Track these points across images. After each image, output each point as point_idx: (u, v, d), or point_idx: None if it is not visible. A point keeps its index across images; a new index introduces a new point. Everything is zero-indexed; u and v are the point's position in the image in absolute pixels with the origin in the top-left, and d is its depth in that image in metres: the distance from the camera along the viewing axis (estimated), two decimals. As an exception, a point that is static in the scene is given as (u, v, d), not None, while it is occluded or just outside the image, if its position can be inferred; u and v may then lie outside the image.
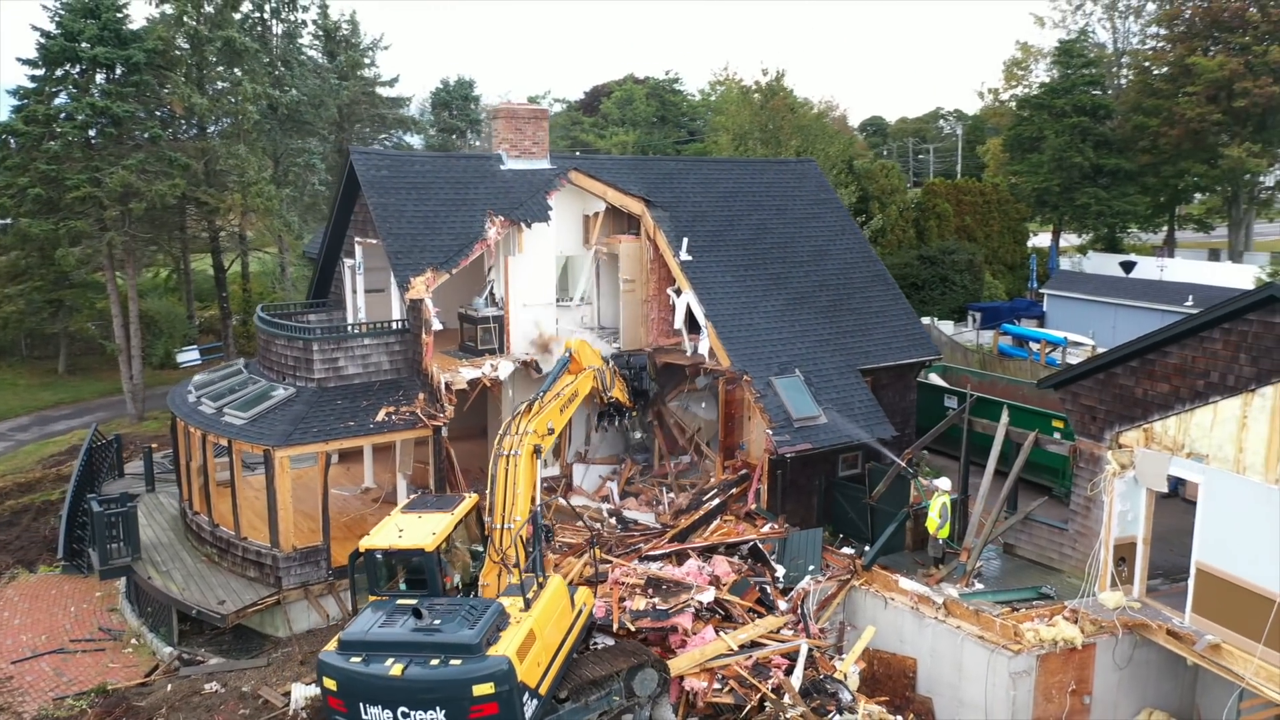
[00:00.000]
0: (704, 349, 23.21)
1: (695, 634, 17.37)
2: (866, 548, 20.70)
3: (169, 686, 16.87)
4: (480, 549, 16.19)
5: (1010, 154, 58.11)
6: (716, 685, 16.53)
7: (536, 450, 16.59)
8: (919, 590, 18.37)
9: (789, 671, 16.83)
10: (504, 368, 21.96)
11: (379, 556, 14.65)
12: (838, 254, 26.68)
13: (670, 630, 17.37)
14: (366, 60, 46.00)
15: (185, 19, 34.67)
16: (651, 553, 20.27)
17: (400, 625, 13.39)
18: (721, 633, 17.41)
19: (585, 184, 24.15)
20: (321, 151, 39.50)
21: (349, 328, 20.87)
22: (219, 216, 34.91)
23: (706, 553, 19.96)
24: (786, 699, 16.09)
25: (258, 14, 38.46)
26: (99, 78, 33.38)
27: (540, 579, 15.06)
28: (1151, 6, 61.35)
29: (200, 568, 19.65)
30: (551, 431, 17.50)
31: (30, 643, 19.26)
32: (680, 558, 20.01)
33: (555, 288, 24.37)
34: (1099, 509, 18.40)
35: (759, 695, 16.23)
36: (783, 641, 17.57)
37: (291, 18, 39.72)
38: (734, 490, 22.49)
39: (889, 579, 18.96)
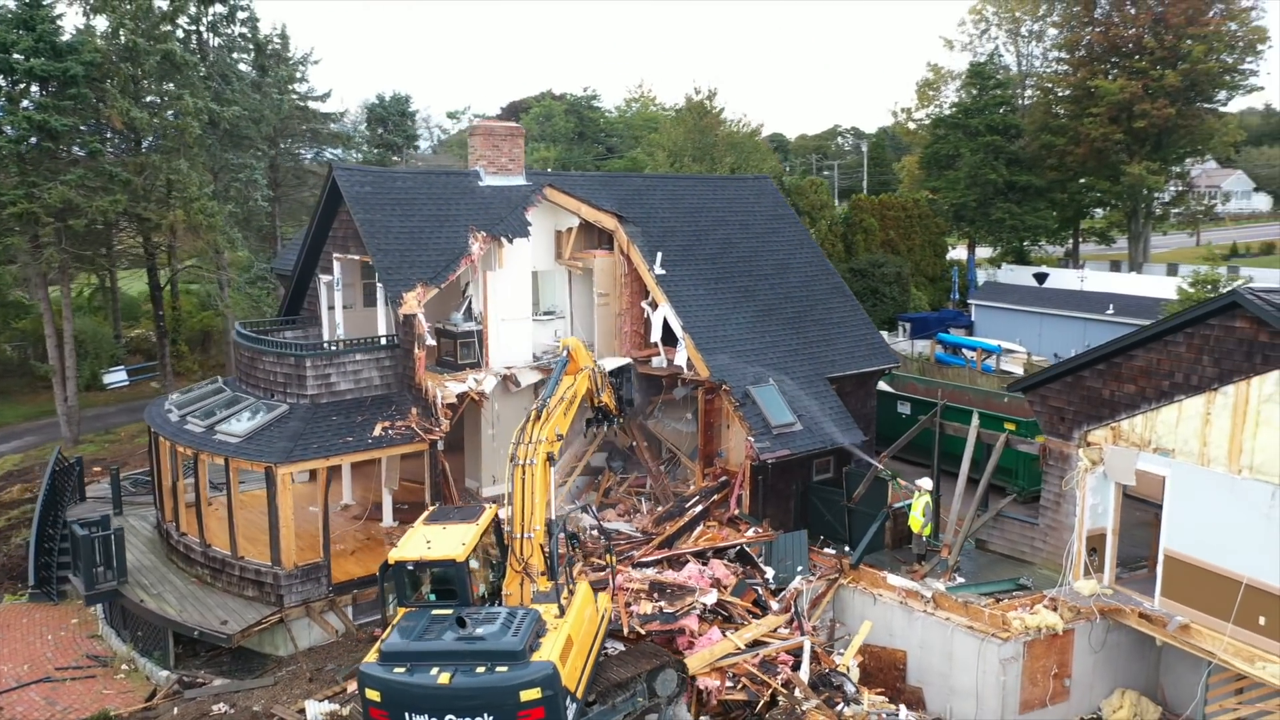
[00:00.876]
0: (681, 360, 23.86)
1: (701, 635, 17.95)
2: (846, 548, 21.63)
3: (175, 710, 16.61)
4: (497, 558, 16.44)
5: (927, 171, 60.58)
6: (729, 683, 17.12)
7: (550, 457, 16.93)
8: (907, 586, 19.31)
9: (795, 667, 17.53)
10: (488, 382, 22.20)
11: (409, 568, 14.79)
12: (798, 267, 27.69)
13: (678, 632, 17.90)
14: (299, 75, 45.43)
15: (122, 32, 33.80)
16: (644, 559, 20.79)
17: (442, 635, 13.60)
18: (725, 633, 18.04)
19: (560, 200, 24.58)
20: (260, 167, 38.85)
21: (341, 343, 20.82)
22: (159, 233, 34.04)
23: (700, 557, 20.55)
24: (798, 693, 16.78)
25: (194, 28, 37.70)
26: (34, 90, 32.33)
27: (570, 586, 15.42)
28: (1053, 32, 64.86)
29: (192, 589, 19.33)
30: (560, 437, 17.85)
31: (13, 673, 18.63)
32: (672, 563, 20.56)
33: (531, 302, 24.73)
34: (1069, 504, 19.66)
35: (770, 690, 16.88)
36: (784, 639, 18.27)
37: (229, 30, 39.01)
38: (715, 497, 23.17)
39: (876, 576, 19.86)
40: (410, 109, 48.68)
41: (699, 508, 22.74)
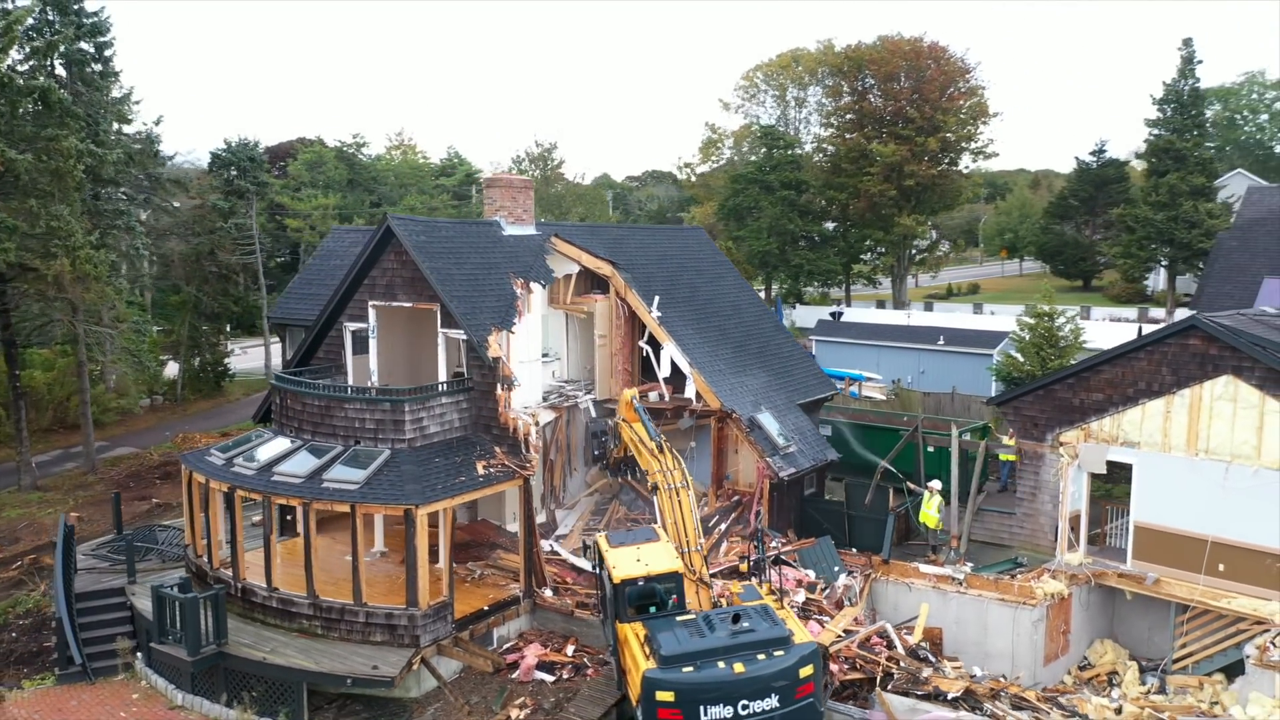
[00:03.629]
0: (690, 393, 26.22)
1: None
2: (853, 549, 24.92)
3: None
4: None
5: (727, 221, 66.39)
6: (845, 665, 19.70)
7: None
8: (938, 572, 22.87)
9: (889, 646, 20.45)
10: (544, 416, 23.44)
11: (639, 584, 16.20)
12: (746, 308, 30.94)
13: (788, 628, 20.25)
14: (131, 116, 42.64)
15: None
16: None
17: (710, 633, 15.23)
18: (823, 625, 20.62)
19: (564, 249, 26.23)
20: (133, 212, 36.01)
21: (437, 386, 21.27)
22: (42, 283, 31.18)
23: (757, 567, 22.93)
24: (903, 664, 19.70)
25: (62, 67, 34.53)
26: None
27: (763, 581, 17.47)
28: (814, 101, 73.63)
29: (302, 642, 18.99)
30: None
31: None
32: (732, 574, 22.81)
33: (540, 345, 26.07)
34: (1044, 493, 24.20)
35: (879, 666, 19.66)
36: (865, 626, 21.14)
37: (94, 68, 36.04)
38: (733, 515, 25.66)
39: (907, 567, 23.27)
40: (260, 154, 46.70)
41: (723, 525, 25.14)
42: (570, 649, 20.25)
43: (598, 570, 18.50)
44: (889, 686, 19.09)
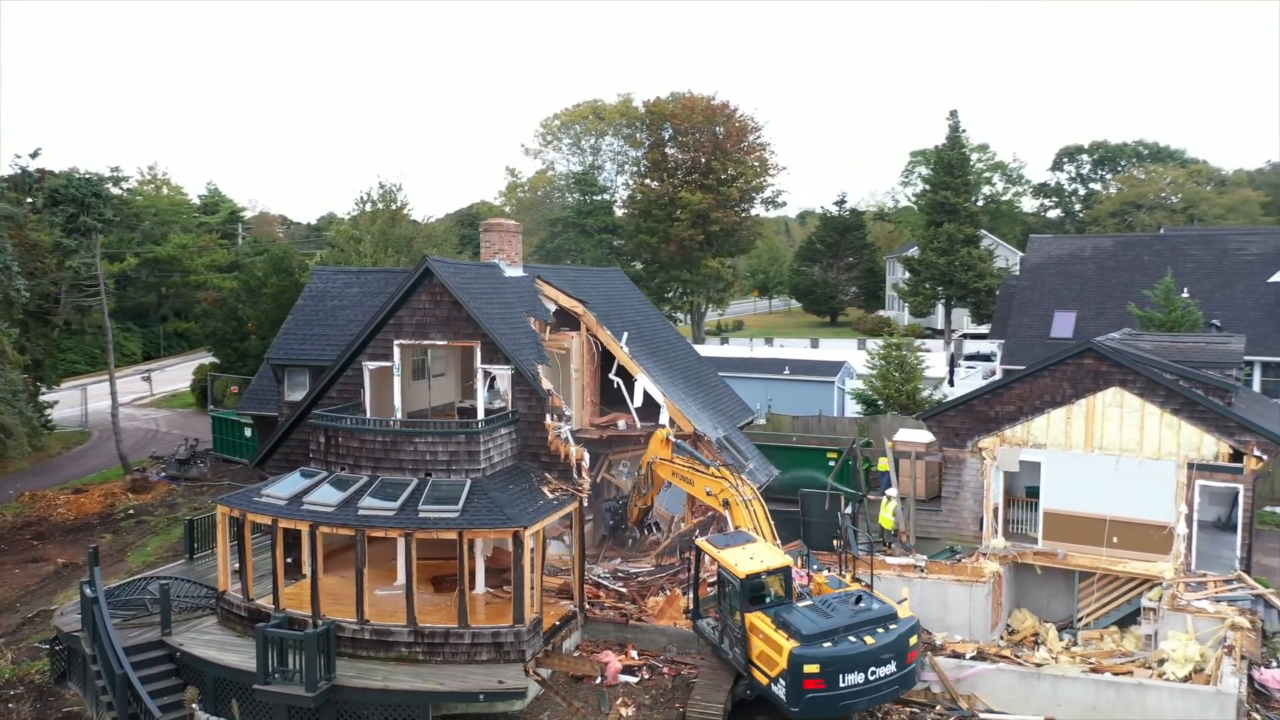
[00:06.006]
0: (664, 419, 28.75)
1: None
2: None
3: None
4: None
5: (544, 263, 68.84)
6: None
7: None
8: (903, 562, 26.89)
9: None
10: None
11: (761, 577, 18.70)
12: (676, 342, 33.95)
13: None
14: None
15: None
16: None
17: (834, 614, 18.02)
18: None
19: (545, 290, 28.06)
20: (10, 249, 32.62)
21: (504, 417, 22.42)
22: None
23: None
24: (914, 639, 23.33)
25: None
26: None
27: (848, 573, 20.48)
28: (609, 150, 78.16)
29: (405, 669, 19.63)
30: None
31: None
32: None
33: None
34: (965, 492, 29.01)
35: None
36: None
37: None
38: (710, 529, 28.40)
39: (878, 560, 27.05)
40: (105, 190, 43.12)
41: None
42: (633, 653, 22.18)
43: (692, 573, 20.73)
44: (911, 655, 22.69)
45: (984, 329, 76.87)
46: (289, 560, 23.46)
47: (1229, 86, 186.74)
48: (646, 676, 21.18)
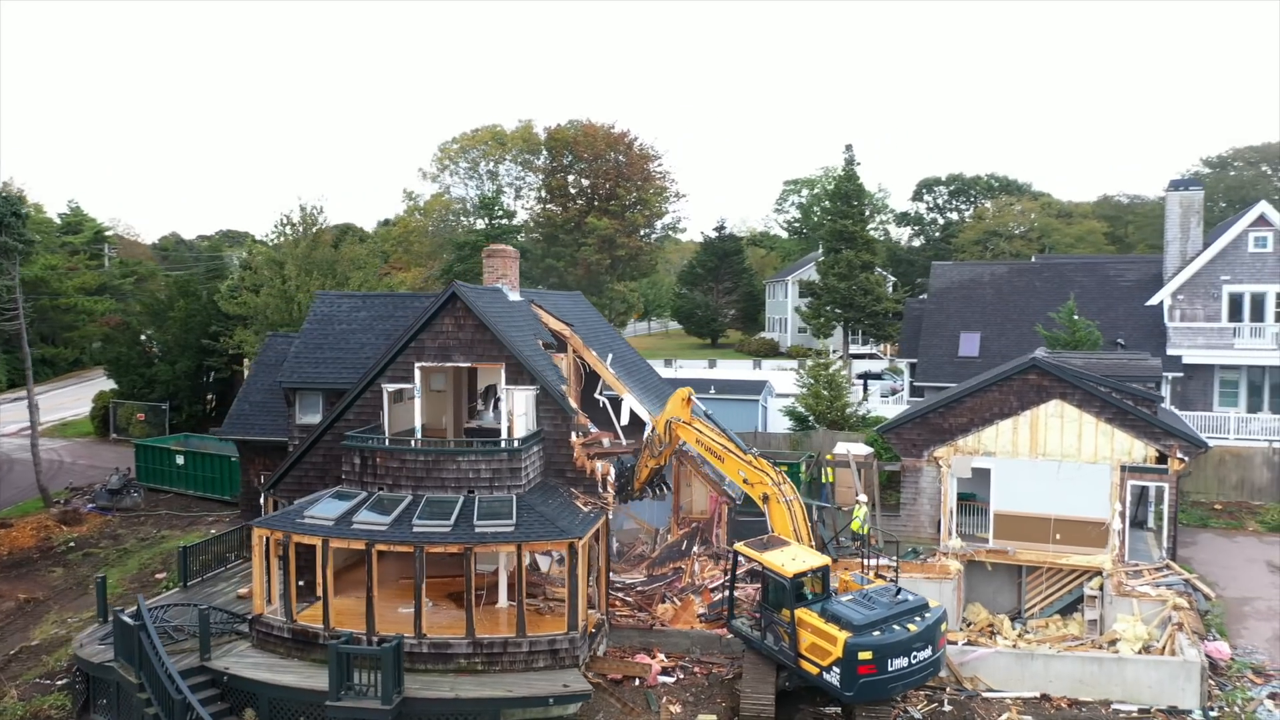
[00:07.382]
0: (649, 434, 30.19)
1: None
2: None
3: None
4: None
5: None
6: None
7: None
8: (880, 562, 29.11)
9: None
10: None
11: (806, 576, 20.42)
12: (638, 361, 35.41)
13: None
14: None
15: None
16: (711, 584, 27.12)
17: (879, 605, 19.92)
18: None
19: (538, 313, 29.13)
20: None
21: (536, 435, 23.28)
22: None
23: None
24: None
25: None
26: None
27: (874, 570, 22.45)
28: (507, 176, 79.09)
29: (466, 679, 20.33)
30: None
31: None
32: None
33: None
34: (922, 498, 31.63)
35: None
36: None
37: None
38: (695, 539, 30.00)
39: (854, 563, 29.23)
40: (24, 209, 40.67)
41: (696, 548, 29.43)
42: (661, 656, 23.48)
43: (729, 577, 22.25)
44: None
45: (867, 349, 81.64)
46: (300, 583, 23.66)
47: (1063, 122, 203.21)
48: (681, 676, 22.53)
